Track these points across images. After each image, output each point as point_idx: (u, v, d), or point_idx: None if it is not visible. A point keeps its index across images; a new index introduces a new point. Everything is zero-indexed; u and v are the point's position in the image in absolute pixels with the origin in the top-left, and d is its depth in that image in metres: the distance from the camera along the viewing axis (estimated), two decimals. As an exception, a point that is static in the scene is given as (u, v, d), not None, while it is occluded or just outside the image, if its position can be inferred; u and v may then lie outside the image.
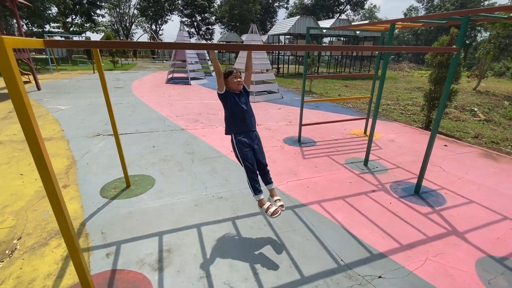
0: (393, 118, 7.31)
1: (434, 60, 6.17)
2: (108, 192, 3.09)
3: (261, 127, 5.82)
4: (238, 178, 3.51)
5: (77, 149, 4.33)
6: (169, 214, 2.71)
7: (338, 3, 45.39)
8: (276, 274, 2.02)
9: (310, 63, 11.69)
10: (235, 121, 2.32)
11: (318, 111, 7.71)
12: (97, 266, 2.05)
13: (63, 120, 5.98)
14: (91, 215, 2.68)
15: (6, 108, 6.96)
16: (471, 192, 3.35)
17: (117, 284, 1.91)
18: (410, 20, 3.17)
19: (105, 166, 3.75)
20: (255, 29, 8.98)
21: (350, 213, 2.82)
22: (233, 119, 2.32)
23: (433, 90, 6.27)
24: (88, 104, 7.59)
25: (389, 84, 15.93)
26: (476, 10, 2.46)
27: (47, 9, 19.00)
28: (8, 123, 5.63)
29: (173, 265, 2.07)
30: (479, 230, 2.62)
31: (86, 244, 2.29)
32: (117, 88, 10.70)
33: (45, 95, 8.80)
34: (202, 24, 44.26)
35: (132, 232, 2.44)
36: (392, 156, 4.47)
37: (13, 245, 2.25)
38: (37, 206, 2.80)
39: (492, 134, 6.00)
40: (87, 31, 31.00)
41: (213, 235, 2.43)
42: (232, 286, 1.91)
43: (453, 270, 2.11)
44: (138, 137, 5.00)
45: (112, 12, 45.10)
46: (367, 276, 2.02)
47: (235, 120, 2.31)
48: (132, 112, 6.85)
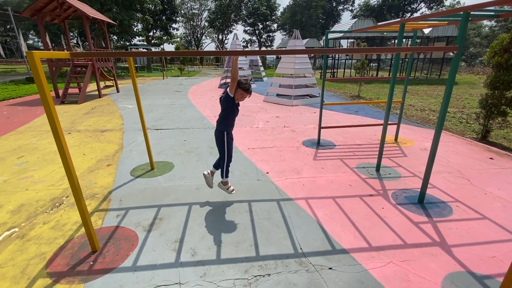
0: (446, 126, 6.56)
1: (491, 61, 5.38)
2: (136, 172, 3.84)
3: (287, 129, 6.03)
4: (242, 171, 3.87)
5: (127, 139, 5.35)
6: (172, 193, 3.25)
7: (409, 1, 41.24)
8: (236, 249, 2.31)
9: (360, 66, 11.20)
10: (231, 122, 2.86)
11: (356, 116, 7.45)
12: (108, 222, 2.70)
13: (126, 116, 7.33)
14: (118, 187, 3.42)
15: (91, 105, 8.85)
16: (491, 208, 2.96)
17: (115, 235, 2.50)
18: (418, 19, 3.02)
19: (142, 152, 4.58)
20: (298, 35, 9.19)
21: (332, 212, 2.88)
22: (230, 120, 2.85)
23: (490, 95, 5.46)
24: (149, 104, 9.02)
25: (463, 89, 13.93)
26: (476, 6, 2.28)
27: (132, 26, 22.85)
28: (89, 117, 7.22)
29: (159, 229, 2.57)
30: (473, 246, 2.38)
31: (106, 206, 2.99)
32: (177, 92, 12.27)
33: (120, 96, 10.76)
34: (263, 31, 45.97)
35: (141, 202, 3.05)
36: (414, 165, 4.17)
37: (61, 200, 3.11)
38: (86, 177, 3.70)
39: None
40: (164, 42, 35.76)
41: (200, 212, 2.86)
42: (196, 251, 2.29)
43: (415, 277, 2.04)
44: (176, 132, 5.83)
45: (187, 25, 50.79)
46: (317, 266, 2.14)
47: (232, 121, 2.86)
48: (180, 112, 7.89)
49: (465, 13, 2.36)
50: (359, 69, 11.35)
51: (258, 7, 42.55)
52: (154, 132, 5.77)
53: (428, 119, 7.36)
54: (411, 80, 18.73)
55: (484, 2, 2.25)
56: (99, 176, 3.71)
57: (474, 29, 46.35)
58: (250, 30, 46.80)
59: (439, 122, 2.73)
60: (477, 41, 46.23)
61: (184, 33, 52.08)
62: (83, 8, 9.75)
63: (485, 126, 5.67)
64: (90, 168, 4.00)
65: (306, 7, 41.90)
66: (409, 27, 3.90)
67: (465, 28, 2.38)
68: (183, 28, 52.02)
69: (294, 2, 44.29)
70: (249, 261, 2.18)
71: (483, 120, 5.67)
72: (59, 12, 9.89)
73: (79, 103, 9.14)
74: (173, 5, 34.04)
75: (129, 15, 20.99)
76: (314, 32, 41.86)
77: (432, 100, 10.64)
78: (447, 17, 3.07)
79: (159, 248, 2.33)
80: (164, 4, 31.51)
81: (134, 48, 27.69)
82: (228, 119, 2.82)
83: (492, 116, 5.52)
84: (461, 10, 2.37)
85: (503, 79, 5.13)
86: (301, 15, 42.37)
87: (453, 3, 46.90)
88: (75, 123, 6.54)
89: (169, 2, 33.35)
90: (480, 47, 44.19)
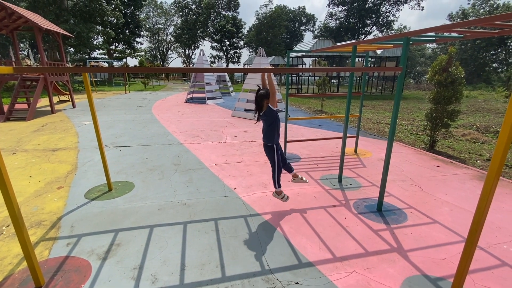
0: (398, 138, 7.13)
1: (433, 79, 6.07)
2: (91, 194, 3.53)
3: (254, 143, 6.08)
4: (208, 188, 3.78)
5: (83, 158, 4.96)
6: (132, 215, 3.04)
7: (363, 25, 45.45)
8: (200, 272, 2.21)
9: (322, 83, 11.87)
10: (279, 132, 3.04)
11: (319, 130, 7.79)
12: (56, 252, 2.42)
13: (82, 133, 6.82)
14: (70, 211, 3.11)
15: (42, 122, 8.10)
16: (441, 213, 3.24)
17: (64, 267, 2.24)
18: (368, 42, 3.33)
19: (99, 172, 4.26)
20: (263, 52, 9.52)
21: (298, 225, 2.91)
22: (277, 131, 2.99)
23: (434, 109, 6.10)
24: (109, 120, 8.52)
25: (413, 104, 15.41)
26: (414, 32, 2.59)
27: (91, 38, 21.83)
28: (38, 135, 6.58)
29: (116, 256, 2.37)
30: (427, 249, 2.55)
31: (55, 234, 2.69)
32: (140, 107, 11.80)
33: (77, 112, 10.03)
34: (230, 48, 46.90)
35: (96, 228, 2.80)
36: (373, 174, 4.43)
37: (1, 230, 2.73)
38: (31, 202, 3.31)
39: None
40: (127, 56, 34.58)
41: (162, 234, 2.70)
42: (157, 277, 2.14)
43: (376, 284, 2.12)
44: (137, 149, 5.55)
45: (152, 40, 49.91)
46: (284, 281, 2.12)
47: (279, 131, 3.03)
48: (142, 128, 7.56)
49: (406, 38, 2.65)
50: (320, 86, 12.01)
51: (225, 25, 43.53)
52: (113, 150, 5.42)
53: (384, 131, 7.96)
54: (368, 95, 20.29)
55: (421, 29, 2.55)
56: (47, 201, 3.35)
57: (419, 50, 52.34)
58: (217, 46, 47.44)
59: (390, 135, 2.96)
60: (422, 60, 52.15)
61: (149, 47, 51.04)
62: (34, 19, 9.10)
63: (432, 137, 6.28)
64: (37, 192, 3.60)
65: (270, 26, 43.90)
66: (361, 49, 4.26)
67: (407, 51, 2.67)
68: (148, 42, 50.98)
69: (259, 22, 46.17)
70: (214, 284, 2.09)
71: (430, 131, 6.28)
72: (7, 23, 9.10)
73: (27, 119, 8.32)
74: (137, 19, 33.36)
75: (88, 28, 20.04)
76: (279, 50, 43.81)
77: (387, 113, 11.59)
78: (392, 41, 3.43)
79: (115, 278, 2.13)
80: (127, 18, 30.73)
81: (94, 61, 26.30)
82: (275, 131, 2.95)
83: (437, 127, 6.15)
84: (402, 36, 2.66)
85: (443, 95, 5.78)
86: (266, 34, 44.23)
87: (400, 27, 52.65)
88: (22, 142, 5.91)
89: (133, 16, 32.65)
90: (425, 66, 49.81)
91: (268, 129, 2.90)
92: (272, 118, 2.85)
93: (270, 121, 2.86)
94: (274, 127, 2.89)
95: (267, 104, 2.84)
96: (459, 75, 5.60)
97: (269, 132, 2.89)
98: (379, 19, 45.25)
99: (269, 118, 2.86)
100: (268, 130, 2.90)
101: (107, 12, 21.25)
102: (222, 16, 46.60)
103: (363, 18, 45.10)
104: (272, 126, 2.88)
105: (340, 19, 47.75)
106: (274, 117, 2.86)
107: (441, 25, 2.54)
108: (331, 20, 49.56)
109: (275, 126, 2.90)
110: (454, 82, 5.68)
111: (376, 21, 45.36)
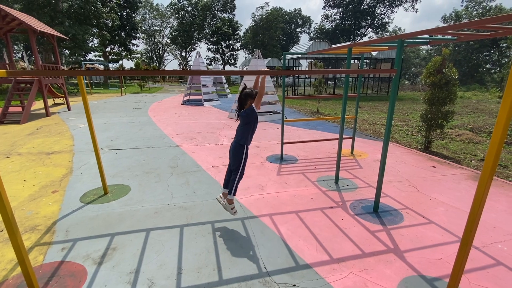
0: (394, 139, 7.18)
1: (427, 81, 6.13)
2: (86, 198, 3.50)
3: (251, 145, 6.07)
4: (205, 191, 3.77)
5: (78, 161, 4.91)
6: (128, 219, 3.02)
7: (358, 27, 45.85)
8: (197, 275, 2.20)
9: (318, 84, 11.92)
10: (252, 135, 2.85)
11: (316, 131, 7.82)
12: (51, 257, 2.39)
13: (77, 136, 6.76)
14: (65, 216, 3.07)
15: (36, 125, 8.02)
16: (436, 213, 3.26)
17: (59, 272, 2.21)
18: (363, 44, 3.36)
19: (94, 176, 4.22)
20: (259, 54, 9.54)
21: (295, 227, 2.91)
22: (251, 133, 2.82)
23: (429, 110, 6.16)
24: (104, 123, 8.47)
25: (408, 105, 15.54)
26: (408, 34, 2.62)
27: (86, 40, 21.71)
28: (33, 138, 6.51)
29: (112, 261, 2.34)
30: (422, 250, 2.57)
31: (50, 239, 2.65)
32: (136, 109, 11.74)
33: (72, 115, 9.95)
34: (226, 50, 46.95)
35: (91, 232, 2.77)
36: (369, 175, 4.46)
37: (-7, 236, 2.69)
38: (25, 206, 3.27)
39: (506, 158, 5.57)
40: (123, 58, 34.42)
41: (158, 238, 2.68)
42: (154, 281, 2.12)
43: (373, 285, 2.13)
44: (134, 152, 5.52)
45: (148, 42, 49.77)
46: (281, 284, 2.12)
47: (253, 134, 2.85)
48: (138, 130, 7.52)
49: (400, 40, 2.68)
50: (317, 87, 12.06)
51: (221, 27, 43.59)
52: (109, 153, 5.38)
53: (380, 132, 8.02)
54: (364, 97, 20.42)
55: (415, 32, 2.58)
56: (42, 205, 3.31)
57: (414, 52, 52.85)
58: (214, 48, 47.47)
59: (386, 136, 2.98)
60: (417, 62, 52.66)
61: (145, 49, 50.88)
62: (29, 21, 9.03)
63: (427, 137, 6.34)
64: (31, 196, 3.56)
65: (266, 28, 44.08)
66: (356, 51, 4.30)
67: (401, 53, 2.70)
68: (143, 44, 50.83)
69: (255, 24, 46.33)
70: (211, 287, 2.08)
71: (425, 132, 6.34)
72: (1, 25, 9.02)
73: (21, 122, 8.23)
74: (133, 21, 33.27)
75: (84, 30, 19.94)
76: (275, 52, 43.96)
77: (383, 114, 11.67)
78: (386, 43, 3.46)
79: (111, 282, 2.11)
80: (123, 20, 30.62)
81: (89, 63, 26.12)
82: (250, 132, 2.80)
83: (432, 128, 6.21)
84: (397, 38, 2.69)
85: (438, 96, 5.84)
86: (263, 36, 44.38)
87: (395, 29, 53.19)
88: (16, 146, 5.84)
89: (129, 18, 32.54)
90: (420, 67, 50.32)
91: (244, 127, 2.77)
92: (251, 118, 2.74)
93: (248, 121, 2.73)
94: (250, 128, 2.77)
95: (250, 104, 2.73)
96: (453, 76, 5.67)
97: (244, 131, 2.76)
98: (374, 21, 45.74)
99: (248, 118, 2.73)
100: (243, 128, 2.77)
101: (102, 14, 21.18)
102: (218, 18, 46.68)
103: (358, 20, 45.55)
104: (248, 125, 2.75)
105: (335, 21, 48.18)
106: (254, 118, 2.74)
107: (435, 27, 2.58)
108: (326, 22, 50.03)
109: (251, 127, 2.78)
110: (448, 83, 5.74)
111: (371, 23, 45.81)
